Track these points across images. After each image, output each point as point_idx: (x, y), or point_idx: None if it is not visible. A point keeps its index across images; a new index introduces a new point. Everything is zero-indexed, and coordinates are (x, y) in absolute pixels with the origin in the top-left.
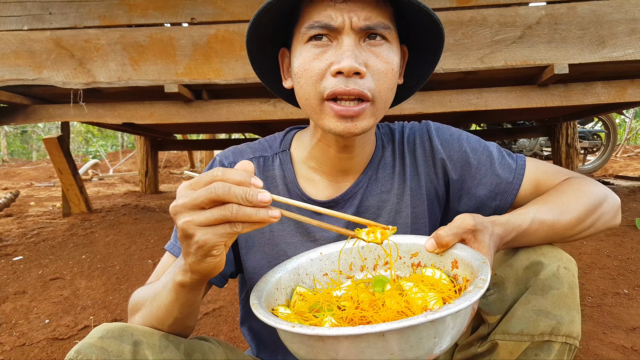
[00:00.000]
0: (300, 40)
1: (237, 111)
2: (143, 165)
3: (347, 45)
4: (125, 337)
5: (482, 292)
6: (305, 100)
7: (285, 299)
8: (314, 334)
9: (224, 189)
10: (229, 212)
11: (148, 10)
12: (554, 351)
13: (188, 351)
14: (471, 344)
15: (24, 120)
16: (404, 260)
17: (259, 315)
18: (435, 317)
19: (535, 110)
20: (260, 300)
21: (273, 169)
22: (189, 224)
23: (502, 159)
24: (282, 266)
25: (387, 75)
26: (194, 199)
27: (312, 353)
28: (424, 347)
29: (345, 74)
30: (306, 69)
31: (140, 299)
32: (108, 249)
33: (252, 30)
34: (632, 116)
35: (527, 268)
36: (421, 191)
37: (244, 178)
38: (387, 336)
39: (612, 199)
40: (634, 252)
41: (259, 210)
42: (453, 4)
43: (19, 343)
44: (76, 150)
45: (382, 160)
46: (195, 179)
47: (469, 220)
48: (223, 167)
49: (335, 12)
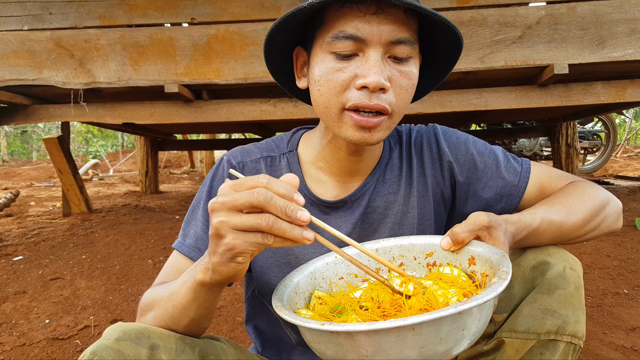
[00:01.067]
0: (323, 47)
1: (237, 111)
2: (143, 165)
3: (374, 60)
4: (142, 339)
5: (507, 283)
6: (324, 108)
7: (304, 302)
8: (344, 330)
9: (267, 196)
10: (264, 222)
11: (148, 10)
12: (559, 350)
13: (203, 354)
14: (477, 342)
15: (24, 120)
16: (419, 261)
17: (284, 316)
18: (464, 307)
19: (535, 111)
20: (283, 302)
21: (280, 169)
22: (223, 225)
23: (507, 162)
24: (299, 270)
25: (408, 91)
26: (234, 199)
27: (341, 352)
28: (453, 339)
29: (371, 90)
30: (329, 79)
31: (154, 298)
32: (108, 249)
33: (274, 32)
34: (632, 116)
35: (534, 267)
36: (428, 193)
37: (287, 191)
38: (418, 329)
39: (614, 203)
40: (634, 252)
41: (295, 227)
42: (453, 4)
43: (19, 343)
44: (76, 150)
45: (389, 162)
46: (240, 181)
47: (484, 217)
48: (231, 167)
49: (364, 23)
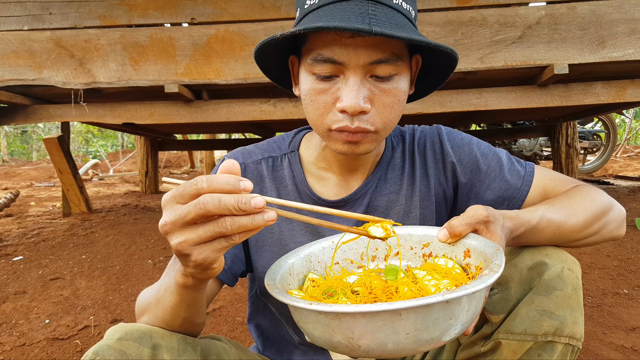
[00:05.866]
0: (305, 67)
1: (237, 111)
2: (143, 165)
3: (352, 84)
4: (145, 339)
5: (498, 275)
6: (313, 123)
7: (298, 284)
8: (331, 311)
9: (214, 203)
10: (222, 227)
11: (148, 10)
12: (557, 352)
13: (205, 353)
14: (474, 343)
15: (24, 120)
16: (415, 251)
17: (275, 294)
18: (452, 296)
19: (535, 110)
20: (275, 282)
21: (282, 169)
22: (183, 245)
23: (511, 165)
24: (295, 253)
25: (393, 107)
26: (182, 216)
27: (328, 332)
28: (439, 328)
29: (350, 114)
30: (312, 100)
31: (145, 302)
32: (108, 249)
33: (258, 58)
34: (632, 116)
35: (532, 268)
36: (430, 193)
37: (232, 185)
38: (404, 315)
39: (618, 209)
40: (634, 252)
41: (254, 217)
42: (453, 4)
43: (19, 343)
44: (76, 150)
45: (391, 161)
46: (179, 191)
47: (482, 211)
48: None
49: (340, 47)
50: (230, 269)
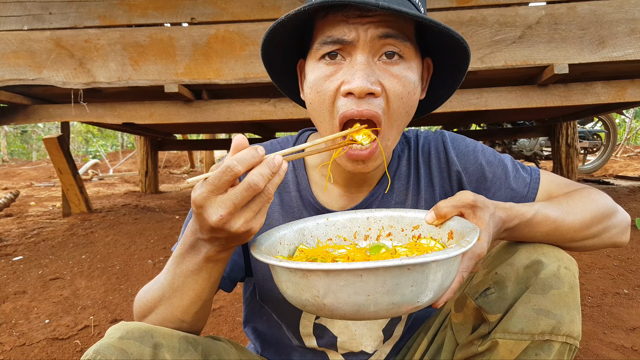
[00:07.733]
0: (313, 56)
1: (237, 111)
2: (143, 165)
3: (360, 64)
4: (146, 338)
5: (464, 250)
6: (319, 123)
7: (288, 254)
8: (296, 268)
9: (261, 180)
10: (267, 195)
11: (148, 10)
12: (554, 351)
13: (205, 353)
14: (472, 342)
15: (24, 120)
16: (405, 233)
17: (255, 254)
18: (410, 262)
19: (535, 110)
20: (260, 246)
21: (286, 173)
22: (245, 226)
23: (516, 172)
24: (288, 226)
25: (403, 98)
26: (238, 203)
27: (297, 290)
28: (402, 293)
29: (357, 96)
30: (318, 90)
31: (151, 299)
32: (108, 249)
33: (266, 43)
34: (632, 116)
35: (528, 267)
36: (435, 202)
37: (257, 157)
38: (365, 276)
39: (622, 215)
40: (634, 252)
41: (279, 173)
42: (453, 4)
43: (19, 343)
44: (76, 150)
45: (397, 171)
46: (215, 184)
47: (469, 195)
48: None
49: (349, 26)
50: (229, 276)
